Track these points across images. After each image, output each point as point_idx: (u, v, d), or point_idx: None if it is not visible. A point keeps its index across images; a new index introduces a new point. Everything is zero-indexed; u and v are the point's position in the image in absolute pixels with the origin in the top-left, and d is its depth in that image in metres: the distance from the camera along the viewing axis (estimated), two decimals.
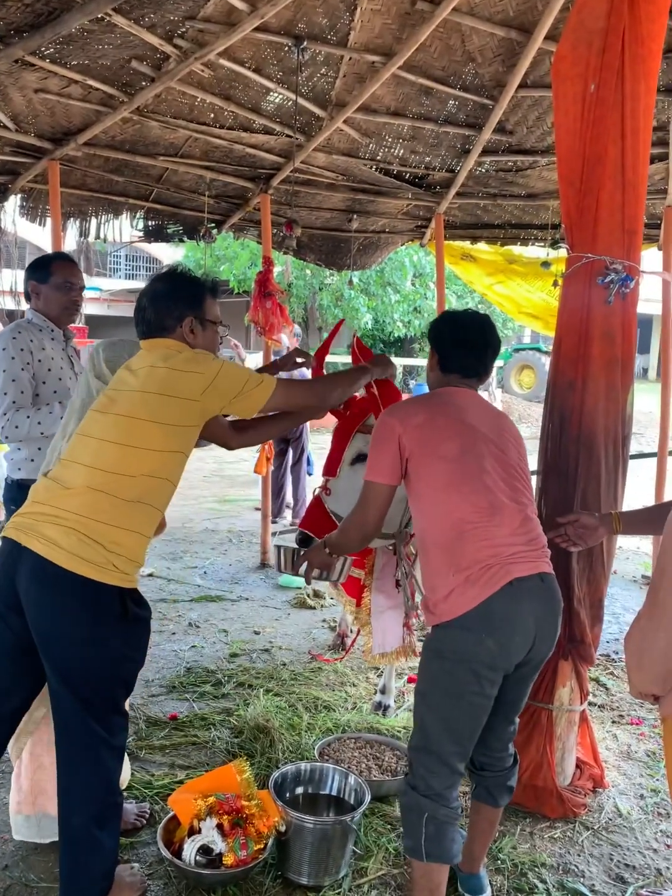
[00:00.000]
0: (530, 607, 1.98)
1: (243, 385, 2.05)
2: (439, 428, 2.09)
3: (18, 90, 3.97)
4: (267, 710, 3.26)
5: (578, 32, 2.59)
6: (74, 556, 1.90)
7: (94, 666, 1.95)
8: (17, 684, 2.05)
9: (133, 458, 1.96)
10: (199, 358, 2.05)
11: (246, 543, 6.58)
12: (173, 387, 1.98)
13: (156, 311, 2.13)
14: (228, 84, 4.31)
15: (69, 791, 2.00)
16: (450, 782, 2.01)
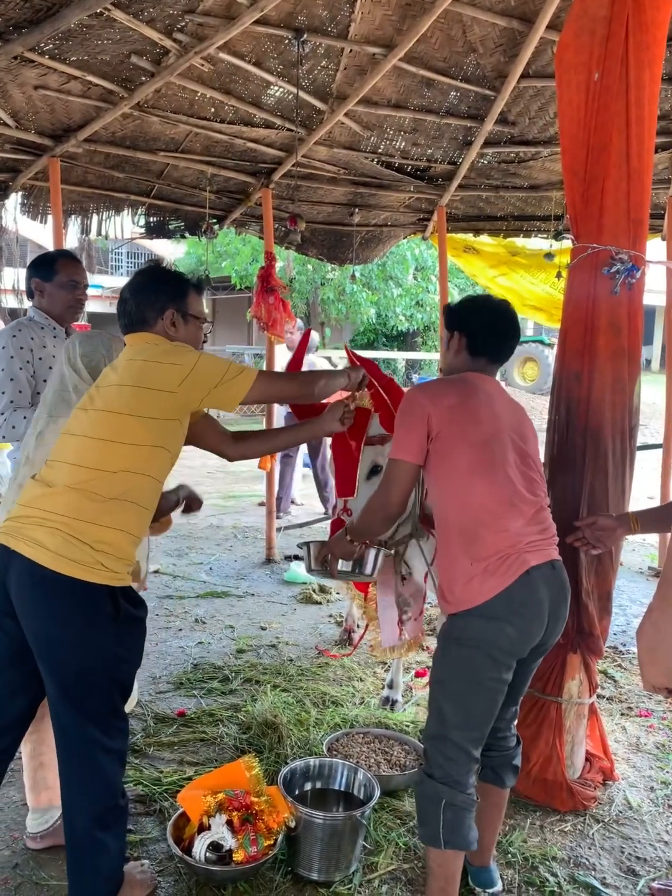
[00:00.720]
0: (545, 594, 2.02)
1: (223, 375, 2.01)
2: (469, 412, 2.08)
3: (18, 87, 3.96)
4: (275, 706, 3.26)
5: (582, 21, 2.57)
6: (61, 557, 1.88)
7: (88, 668, 1.93)
8: (21, 688, 2.04)
9: (112, 454, 1.94)
10: (176, 349, 2.03)
11: (251, 539, 6.57)
12: (150, 378, 1.96)
13: (137, 302, 2.11)
14: (229, 78, 4.29)
15: (70, 795, 1.99)
16: (467, 769, 2.03)
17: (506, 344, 2.26)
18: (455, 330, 2.26)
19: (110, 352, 2.35)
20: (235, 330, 22.23)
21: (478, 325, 2.23)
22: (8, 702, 2.04)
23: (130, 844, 2.45)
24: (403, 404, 2.15)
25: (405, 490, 2.14)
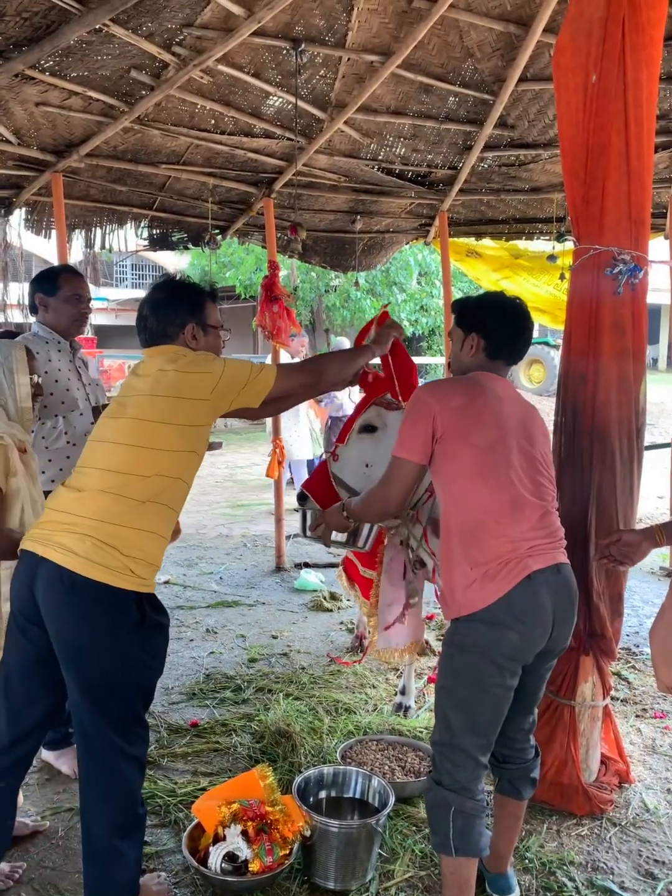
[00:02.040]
0: (548, 599, 2.00)
1: (248, 376, 2.10)
2: (475, 414, 2.07)
3: (19, 104, 3.99)
4: (287, 715, 3.26)
5: (578, 23, 2.58)
6: (90, 562, 1.90)
7: (113, 674, 1.95)
8: (42, 697, 2.06)
9: (146, 459, 1.98)
10: (204, 358, 2.10)
11: (261, 548, 6.57)
12: (183, 388, 2.02)
13: (157, 319, 2.15)
14: (228, 90, 4.32)
15: (90, 802, 2.00)
16: (475, 775, 2.02)
17: (524, 348, 2.25)
18: (473, 332, 2.20)
19: (9, 360, 2.39)
20: (241, 339, 22.28)
21: (499, 329, 2.19)
22: (28, 710, 2.06)
23: (146, 856, 2.45)
24: (410, 403, 2.14)
25: (406, 488, 2.13)
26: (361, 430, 2.99)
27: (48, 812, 2.69)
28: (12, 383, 2.40)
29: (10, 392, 2.40)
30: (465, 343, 2.23)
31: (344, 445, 3.01)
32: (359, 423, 3.01)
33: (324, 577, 5.48)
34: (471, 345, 2.21)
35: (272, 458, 5.73)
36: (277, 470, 5.76)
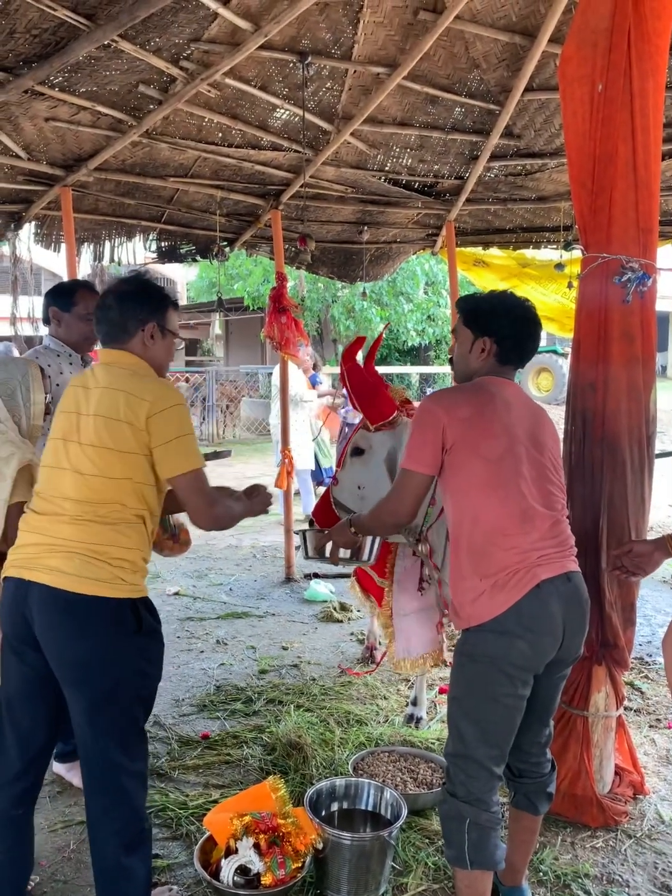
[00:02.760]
0: (558, 608, 1.98)
1: (186, 434, 2.00)
2: (484, 424, 2.04)
3: (29, 119, 4.03)
4: (299, 726, 3.25)
5: (583, 33, 2.59)
6: (82, 578, 1.91)
7: (116, 686, 1.95)
8: (44, 720, 2.06)
9: (109, 488, 1.96)
10: (154, 384, 2.03)
11: (270, 559, 6.57)
12: (122, 411, 1.96)
13: (122, 310, 2.09)
14: (235, 103, 4.35)
15: (97, 822, 2.00)
16: (489, 786, 2.00)
17: (533, 351, 2.23)
18: (486, 336, 2.16)
19: (26, 378, 2.40)
20: (249, 350, 22.34)
21: (513, 335, 2.16)
22: (35, 733, 2.06)
23: (158, 870, 2.44)
24: (418, 414, 2.12)
25: (417, 500, 2.12)
26: (352, 454, 3.13)
27: (59, 825, 2.68)
28: (28, 401, 2.42)
29: (25, 409, 2.42)
30: (474, 346, 2.18)
31: (341, 470, 3.16)
32: (349, 447, 3.15)
33: (334, 588, 5.47)
34: (481, 348, 2.17)
35: (281, 469, 5.74)
36: (287, 481, 5.77)
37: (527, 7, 3.79)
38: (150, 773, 2.99)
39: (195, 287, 22.12)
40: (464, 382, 2.23)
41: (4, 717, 2.05)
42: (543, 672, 2.03)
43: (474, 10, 3.80)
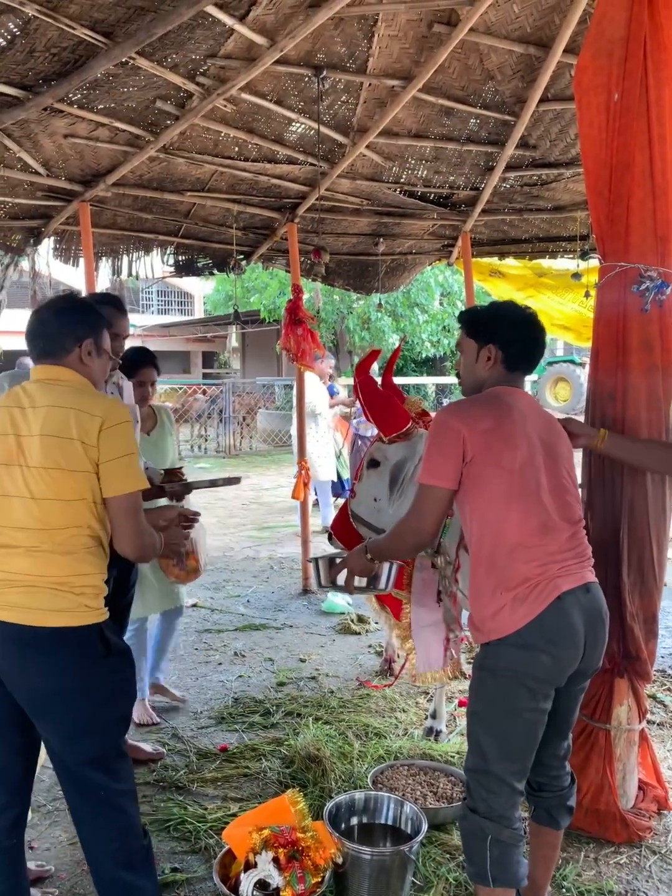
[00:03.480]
0: (579, 619, 1.97)
1: (130, 454, 1.95)
2: (505, 436, 2.01)
3: (48, 136, 4.08)
4: (317, 739, 3.23)
5: (599, 43, 2.59)
6: (47, 612, 1.88)
7: (92, 714, 1.93)
8: (25, 746, 2.02)
9: (63, 511, 1.90)
10: (102, 401, 1.99)
11: (287, 570, 6.56)
12: (71, 429, 1.91)
13: (59, 325, 2.05)
14: (251, 117, 4.38)
15: (89, 845, 1.98)
16: (511, 802, 1.97)
17: (539, 357, 2.22)
18: (489, 343, 2.15)
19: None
20: (265, 362, 22.44)
21: (517, 339, 2.15)
22: (14, 764, 2.02)
23: (177, 883, 2.44)
24: (434, 427, 2.08)
25: (440, 516, 2.07)
26: (368, 467, 3.15)
27: (76, 838, 2.67)
28: None
29: None
30: (480, 355, 2.17)
31: (358, 483, 3.17)
32: (366, 459, 3.17)
33: (351, 600, 5.44)
34: (487, 356, 2.15)
35: (298, 480, 5.74)
36: (303, 492, 5.77)
37: (541, 18, 3.80)
38: (169, 786, 3.01)
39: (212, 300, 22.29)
40: (473, 394, 2.21)
41: None
42: (563, 685, 2.00)
43: (489, 22, 3.81)
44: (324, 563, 2.55)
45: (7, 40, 3.23)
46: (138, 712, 3.55)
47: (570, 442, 2.24)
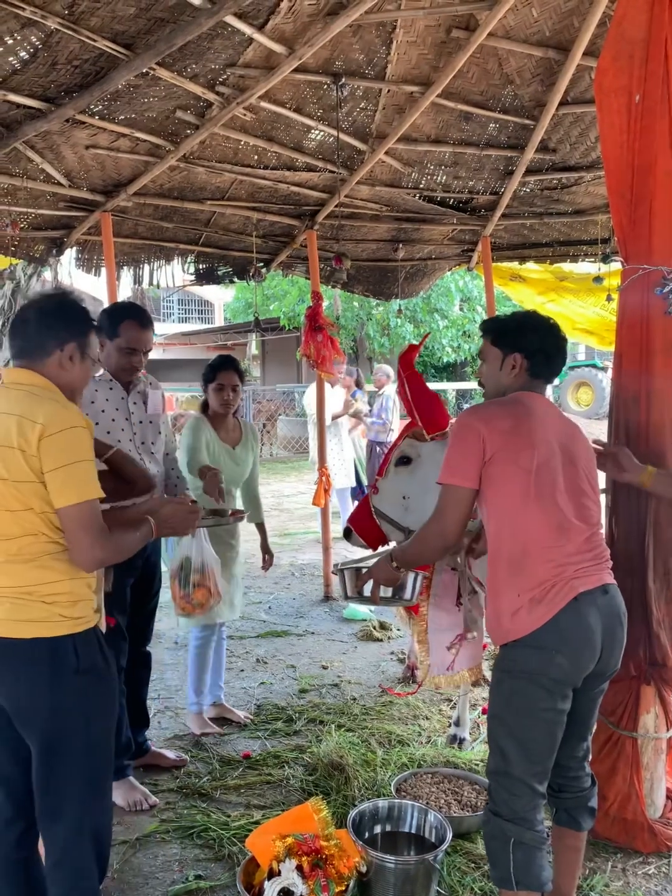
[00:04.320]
0: (596, 620, 1.97)
1: (79, 461, 1.82)
2: (523, 436, 2.03)
3: (70, 147, 4.12)
4: (340, 747, 3.21)
5: (619, 45, 2.57)
6: (16, 622, 1.82)
7: (61, 734, 1.87)
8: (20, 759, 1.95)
9: (12, 522, 1.83)
10: (46, 406, 1.84)
11: (308, 577, 6.56)
12: (15, 437, 1.80)
13: (41, 326, 1.93)
14: (270, 125, 4.40)
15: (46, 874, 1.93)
16: (533, 804, 1.97)
17: (562, 365, 2.25)
18: (515, 352, 2.18)
19: None
20: (285, 369, 22.48)
21: (541, 349, 2.18)
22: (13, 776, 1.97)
23: (201, 891, 2.43)
24: (456, 429, 2.11)
25: (464, 517, 2.07)
26: (398, 463, 3.06)
27: None
28: None
29: None
30: (504, 363, 2.20)
31: (383, 479, 3.08)
32: (395, 455, 3.08)
33: (373, 607, 5.43)
34: (512, 364, 2.18)
35: (318, 487, 5.74)
36: (324, 498, 5.76)
37: (560, 21, 3.79)
38: (192, 793, 3.01)
39: (231, 308, 22.39)
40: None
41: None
42: (581, 686, 2.00)
43: (507, 27, 3.80)
44: (350, 573, 2.51)
45: (30, 53, 3.27)
46: (198, 724, 3.49)
47: (616, 474, 2.35)
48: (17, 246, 4.93)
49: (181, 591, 2.86)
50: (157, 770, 3.20)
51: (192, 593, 2.81)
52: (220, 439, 3.52)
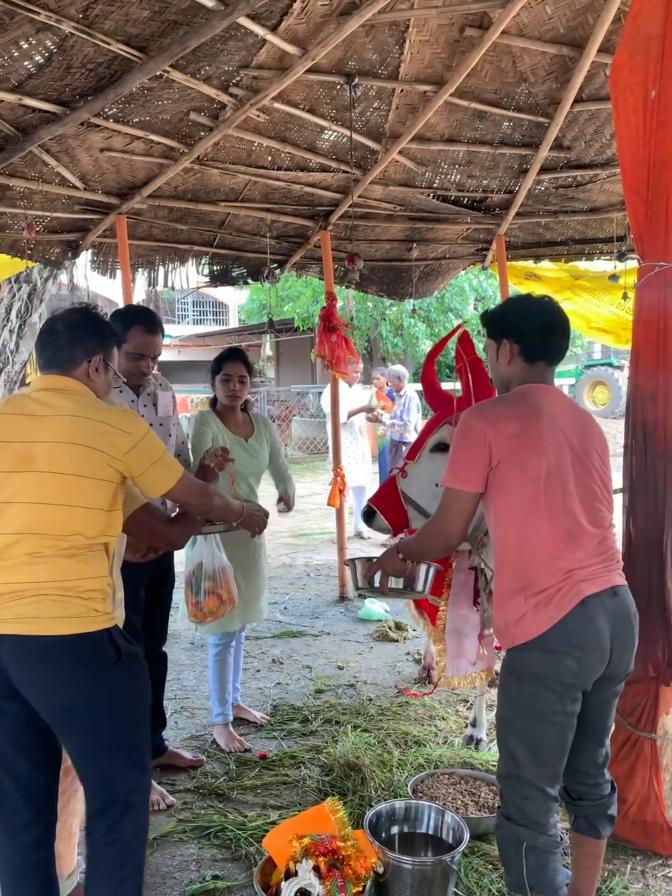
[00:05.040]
0: (605, 623, 1.94)
1: (161, 454, 2.05)
2: (531, 442, 1.97)
3: (85, 150, 4.15)
4: (356, 747, 3.21)
5: (635, 40, 2.55)
6: (56, 619, 1.86)
7: (110, 724, 1.92)
8: (40, 762, 1.99)
9: (68, 518, 1.90)
10: (127, 416, 2.03)
11: (324, 577, 6.56)
12: (100, 441, 1.94)
13: (71, 338, 2.06)
14: (284, 126, 4.41)
15: (95, 861, 1.96)
16: (545, 808, 1.95)
17: (560, 343, 2.15)
18: (503, 338, 2.13)
19: None
20: (299, 370, 22.51)
21: (529, 329, 2.10)
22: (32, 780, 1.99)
23: (218, 891, 2.44)
24: (461, 429, 2.05)
25: (466, 520, 2.05)
26: (434, 449, 2.93)
27: None
28: None
29: None
30: (499, 353, 2.15)
31: (414, 463, 2.95)
32: (431, 441, 2.95)
33: (388, 607, 5.42)
34: (505, 352, 2.13)
35: (333, 487, 5.73)
36: (339, 498, 5.76)
37: (574, 18, 3.76)
38: (209, 793, 3.01)
39: (246, 310, 22.44)
40: (503, 393, 2.18)
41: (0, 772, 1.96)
42: (593, 689, 1.98)
43: (521, 24, 3.79)
44: (361, 564, 2.51)
45: (45, 57, 3.29)
46: (225, 738, 3.43)
47: None
48: (34, 249, 4.96)
49: (193, 597, 2.87)
50: (174, 770, 3.21)
51: (203, 601, 2.81)
52: (230, 432, 3.44)
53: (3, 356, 7.20)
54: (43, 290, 7.28)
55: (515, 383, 2.13)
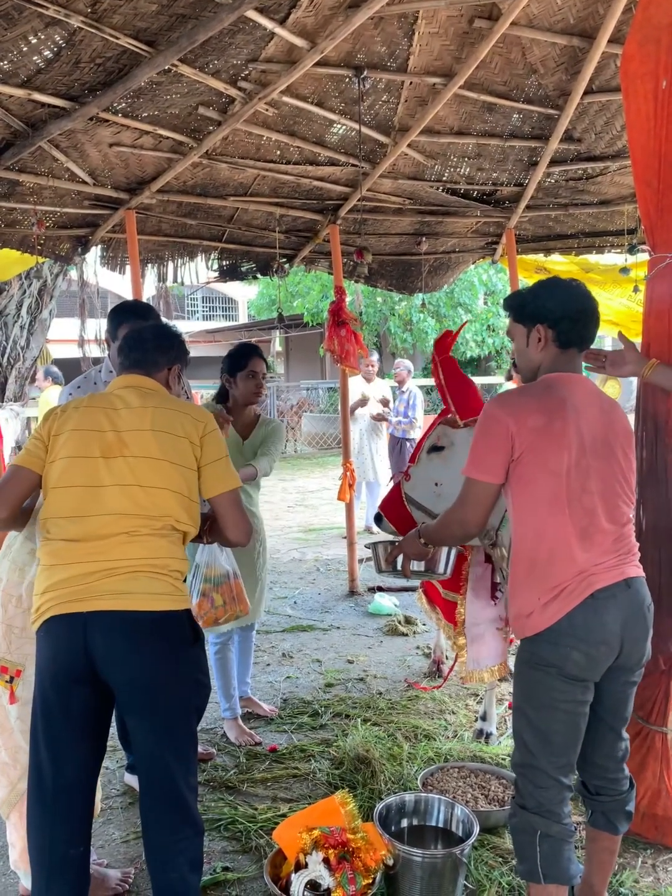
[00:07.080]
0: (615, 616, 1.94)
1: (227, 455, 2.16)
2: (554, 436, 1.94)
3: (94, 146, 4.15)
4: (366, 741, 3.21)
5: (645, 30, 2.53)
6: (150, 595, 1.92)
7: (183, 704, 1.98)
8: (87, 755, 1.99)
9: (158, 499, 1.99)
10: (200, 408, 2.24)
11: (333, 572, 6.56)
12: (178, 427, 2.07)
13: (158, 344, 2.24)
14: (292, 120, 4.40)
15: (162, 840, 1.98)
16: (559, 797, 1.96)
17: (594, 329, 2.11)
18: (537, 323, 2.06)
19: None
20: (309, 365, 22.52)
21: (565, 314, 2.03)
22: (80, 779, 1.99)
23: (228, 882, 2.45)
24: (483, 419, 2.03)
25: (486, 510, 2.05)
26: (430, 451, 3.05)
27: (132, 836, 2.71)
28: None
29: None
30: (530, 338, 2.09)
31: (415, 466, 3.09)
32: (427, 443, 3.08)
33: (398, 601, 5.42)
34: (538, 337, 2.06)
35: (343, 482, 5.73)
36: (349, 493, 5.76)
37: (585, 9, 3.73)
38: (219, 786, 3.03)
39: (255, 305, 22.43)
40: (530, 380, 2.14)
41: (45, 765, 1.94)
42: (606, 679, 1.98)
43: (531, 15, 3.76)
44: (383, 547, 2.57)
45: (54, 52, 3.30)
46: (235, 732, 3.44)
47: (616, 371, 2.35)
48: (43, 245, 4.97)
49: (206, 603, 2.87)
50: None
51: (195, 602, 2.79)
52: (233, 429, 3.37)
53: (14, 352, 7.23)
54: (53, 286, 7.30)
55: (545, 369, 2.08)
